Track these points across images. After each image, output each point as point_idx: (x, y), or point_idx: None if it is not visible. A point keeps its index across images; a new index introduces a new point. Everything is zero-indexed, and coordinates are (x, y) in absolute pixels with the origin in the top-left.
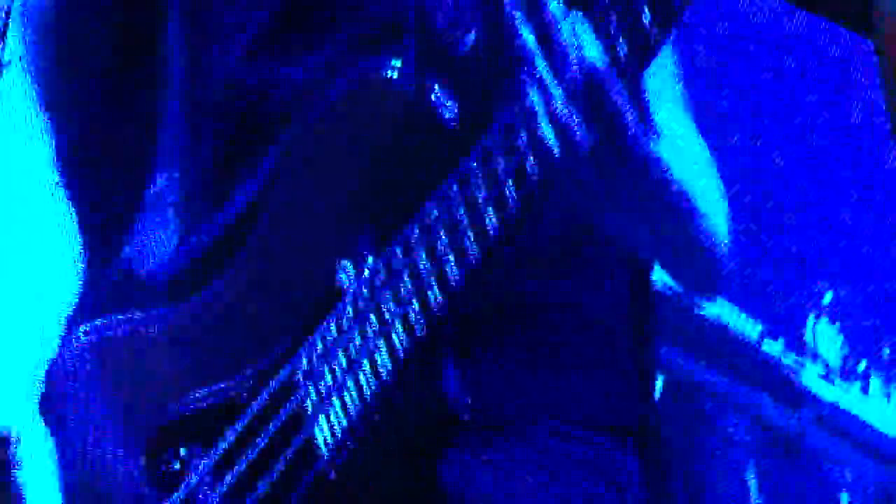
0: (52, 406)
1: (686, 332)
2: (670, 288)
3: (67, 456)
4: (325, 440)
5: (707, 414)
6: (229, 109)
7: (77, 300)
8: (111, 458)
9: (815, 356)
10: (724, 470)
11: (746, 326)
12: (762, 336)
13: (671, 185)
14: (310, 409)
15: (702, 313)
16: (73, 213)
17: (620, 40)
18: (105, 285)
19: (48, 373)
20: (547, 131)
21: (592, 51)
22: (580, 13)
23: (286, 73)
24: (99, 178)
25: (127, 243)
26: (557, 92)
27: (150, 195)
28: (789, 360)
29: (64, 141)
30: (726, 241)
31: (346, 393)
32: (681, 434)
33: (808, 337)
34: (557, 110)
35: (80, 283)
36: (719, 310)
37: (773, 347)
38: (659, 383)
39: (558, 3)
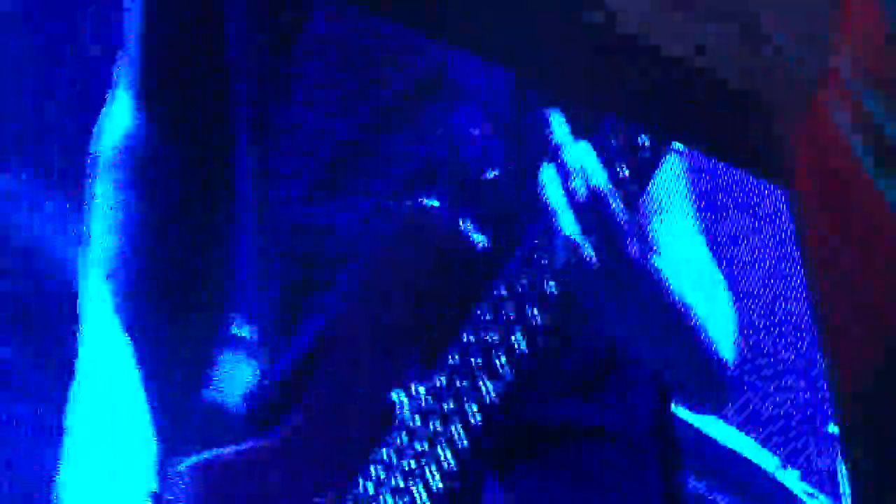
0: None
1: (706, 460)
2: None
3: None
4: None
5: None
6: (294, 250)
7: (169, 438)
8: None
9: (827, 486)
10: None
11: (763, 457)
12: (778, 466)
13: (672, 301)
14: None
15: (721, 442)
16: (158, 356)
17: (621, 163)
18: (194, 422)
19: None
20: (561, 252)
21: (597, 173)
22: (585, 140)
23: (340, 216)
24: (181, 321)
25: (210, 381)
26: (568, 214)
27: (229, 334)
28: (803, 489)
29: (144, 282)
30: (732, 361)
31: None
32: None
33: (820, 467)
34: (569, 232)
35: (169, 421)
36: (736, 439)
37: (787, 477)
38: None
39: (567, 132)
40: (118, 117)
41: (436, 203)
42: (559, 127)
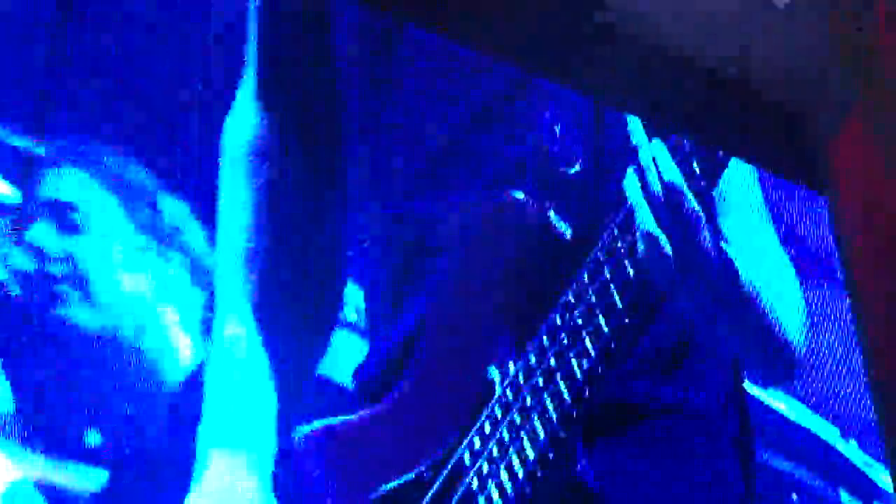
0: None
1: (776, 433)
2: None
3: None
4: None
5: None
6: (398, 240)
7: (290, 408)
8: None
9: (884, 457)
10: None
11: (824, 428)
12: (838, 437)
13: (743, 287)
14: (474, 493)
15: (788, 417)
16: (281, 336)
17: (693, 160)
18: (311, 395)
19: (274, 474)
20: (640, 243)
21: (671, 169)
22: (660, 139)
23: (439, 208)
24: (301, 306)
25: (325, 358)
26: (646, 209)
27: (342, 317)
28: (862, 458)
29: (270, 270)
30: (800, 342)
31: (500, 478)
32: None
33: (876, 438)
34: (647, 225)
35: (290, 394)
36: (801, 412)
37: (846, 448)
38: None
39: (643, 132)
40: (242, 117)
41: (523, 196)
42: (636, 127)
